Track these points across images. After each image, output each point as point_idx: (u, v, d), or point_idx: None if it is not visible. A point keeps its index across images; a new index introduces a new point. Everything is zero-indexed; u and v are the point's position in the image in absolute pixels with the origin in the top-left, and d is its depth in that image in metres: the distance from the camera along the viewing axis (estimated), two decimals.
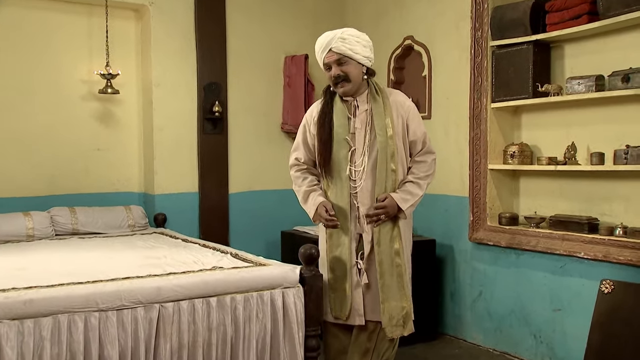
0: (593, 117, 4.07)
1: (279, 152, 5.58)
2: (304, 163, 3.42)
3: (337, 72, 3.19)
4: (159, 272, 3.10)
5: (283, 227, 5.46)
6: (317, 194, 3.29)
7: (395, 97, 3.34)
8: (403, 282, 3.25)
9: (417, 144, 3.32)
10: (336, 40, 3.16)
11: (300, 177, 3.40)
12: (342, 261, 3.25)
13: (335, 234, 3.28)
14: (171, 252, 3.78)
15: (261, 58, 5.53)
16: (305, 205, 3.34)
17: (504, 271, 4.44)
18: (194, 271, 3.14)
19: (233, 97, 5.39)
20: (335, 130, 3.26)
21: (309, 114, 3.43)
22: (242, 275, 3.09)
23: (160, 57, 5.15)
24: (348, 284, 3.24)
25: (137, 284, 2.86)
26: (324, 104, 3.33)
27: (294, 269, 3.23)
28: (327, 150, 3.25)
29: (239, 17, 5.42)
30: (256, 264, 3.36)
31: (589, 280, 3.89)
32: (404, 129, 3.29)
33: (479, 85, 4.53)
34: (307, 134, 3.40)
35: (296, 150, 3.45)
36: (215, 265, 3.30)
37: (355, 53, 3.18)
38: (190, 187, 5.26)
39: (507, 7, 4.37)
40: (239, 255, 3.65)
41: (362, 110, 3.27)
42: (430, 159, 3.34)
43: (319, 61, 3.27)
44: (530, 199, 4.49)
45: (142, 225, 4.91)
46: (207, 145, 5.25)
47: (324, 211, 3.21)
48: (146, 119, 5.26)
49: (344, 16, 5.88)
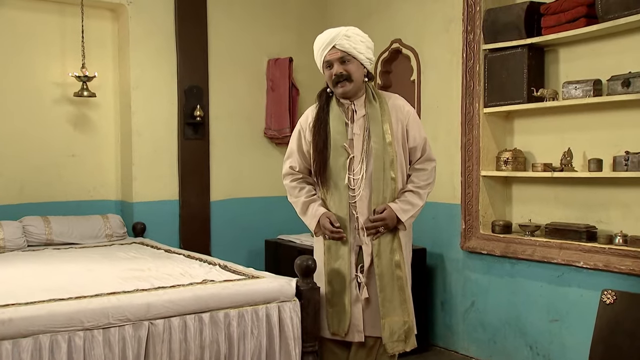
0: (589, 122, 3.98)
1: (261, 158, 5.41)
2: (299, 172, 3.25)
3: (340, 70, 3.04)
4: (147, 287, 2.90)
5: (266, 235, 5.29)
6: (317, 204, 3.13)
7: (394, 102, 3.20)
8: (405, 296, 3.11)
9: (417, 150, 3.18)
10: (341, 37, 3.01)
11: (297, 187, 3.23)
12: (341, 274, 3.09)
13: (334, 246, 3.12)
14: (155, 263, 3.57)
15: (244, 61, 5.35)
16: (305, 216, 3.16)
17: (497, 281, 4.32)
18: (184, 285, 2.94)
19: (215, 101, 5.19)
20: (332, 136, 3.10)
21: (303, 119, 3.27)
22: (237, 289, 2.91)
23: (139, 58, 4.94)
24: (347, 298, 3.08)
25: (124, 300, 2.66)
26: (319, 108, 3.17)
27: (290, 282, 3.06)
28: (324, 158, 3.09)
29: (220, 18, 5.24)
30: (249, 277, 3.17)
31: (588, 290, 3.78)
32: (404, 134, 3.15)
33: (471, 89, 4.41)
34: (301, 140, 3.24)
35: (290, 157, 3.28)
36: (205, 278, 3.11)
37: (359, 53, 3.04)
38: (170, 194, 5.05)
39: (500, 10, 4.27)
40: (228, 267, 3.46)
41: (360, 116, 3.13)
42: (431, 167, 3.20)
43: (318, 59, 3.11)
44: (523, 206, 4.38)
45: (121, 235, 4.68)
46: (187, 151, 5.05)
47: (327, 222, 3.04)
48: (124, 123, 5.04)
49: (327, 18, 5.73)
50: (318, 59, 3.13)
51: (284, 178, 3.30)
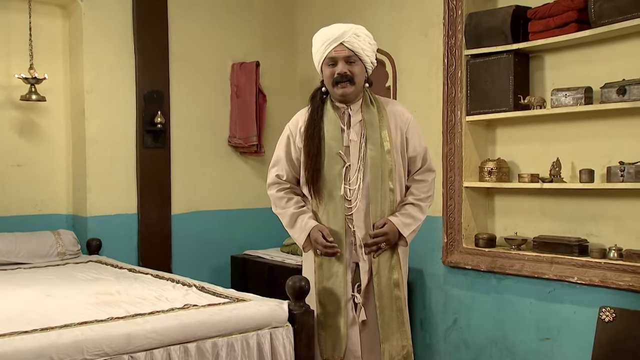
0: (577, 131, 3.83)
1: (226, 168, 5.08)
2: (286, 181, 2.96)
3: (345, 70, 2.79)
4: (121, 314, 2.55)
5: (231, 250, 4.96)
6: (307, 217, 2.84)
7: (392, 107, 2.97)
8: (403, 318, 2.88)
9: (417, 160, 2.96)
10: (350, 35, 2.78)
11: (284, 198, 2.93)
12: (335, 294, 2.82)
13: (326, 263, 2.84)
14: (122, 285, 3.21)
15: (207, 64, 5.01)
16: (293, 229, 2.88)
17: (482, 297, 4.12)
18: (164, 311, 2.61)
19: (176, 107, 4.83)
20: (326, 142, 2.84)
21: (292, 124, 2.98)
22: (225, 315, 2.59)
23: (93, 60, 4.54)
24: (342, 320, 2.83)
25: (100, 331, 2.31)
26: (312, 111, 2.90)
27: (282, 305, 2.76)
28: (317, 166, 2.82)
29: (182, 18, 4.89)
30: (233, 300, 2.85)
31: (582, 306, 3.62)
32: (403, 143, 2.92)
33: (453, 97, 4.22)
34: (290, 146, 2.96)
35: (276, 165, 2.99)
36: (186, 302, 2.78)
37: (366, 55, 2.83)
38: (128, 207, 4.65)
39: (484, 14, 4.09)
40: (206, 288, 3.13)
41: (357, 121, 2.88)
42: (431, 178, 2.99)
43: (319, 54, 2.85)
44: (507, 219, 4.20)
45: (74, 252, 4.26)
46: (147, 160, 4.67)
47: (320, 237, 2.76)
48: (77, 130, 4.62)
49: (294, 21, 5.48)
50: (318, 54, 2.86)
51: (268, 188, 3.01)
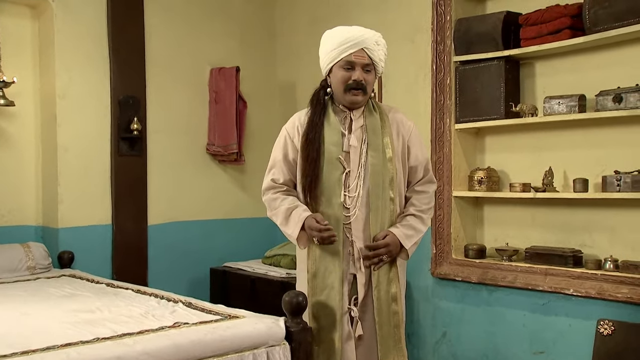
0: (570, 140, 3.77)
1: (204, 177, 4.89)
2: (282, 184, 2.80)
3: (362, 77, 2.66)
4: (108, 334, 2.36)
5: (210, 262, 4.78)
6: (301, 209, 2.68)
7: (394, 114, 2.86)
8: (400, 334, 2.77)
9: (419, 170, 2.84)
10: (372, 42, 2.70)
11: (279, 198, 2.77)
12: (329, 307, 2.68)
13: (321, 273, 2.70)
14: (102, 302, 3.00)
15: (184, 69, 4.82)
16: (287, 225, 2.70)
17: (473, 310, 4.01)
18: (154, 330, 2.42)
19: (153, 113, 4.63)
20: (326, 147, 2.70)
21: (290, 126, 2.84)
22: (220, 334, 2.42)
23: (65, 63, 4.31)
24: (337, 335, 2.69)
25: (87, 353, 2.12)
26: (313, 113, 2.76)
27: (278, 322, 2.59)
28: (316, 171, 2.68)
29: (158, 20, 4.70)
30: (225, 316, 2.68)
31: (577, 319, 3.54)
32: (404, 151, 2.81)
33: (442, 104, 4.12)
34: (288, 148, 2.81)
35: (272, 169, 2.85)
36: (176, 320, 2.59)
37: (381, 67, 2.75)
38: (102, 218, 4.42)
39: (474, 20, 4.01)
40: (194, 304, 2.95)
41: (358, 126, 2.76)
42: (432, 190, 2.88)
43: (334, 55, 2.71)
44: (496, 229, 4.11)
45: (45, 266, 4.01)
46: (122, 169, 4.45)
47: (314, 222, 2.59)
48: (48, 137, 4.38)
49: (275, 25, 5.34)
50: (333, 53, 2.72)
51: (263, 194, 2.85)
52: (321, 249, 2.69)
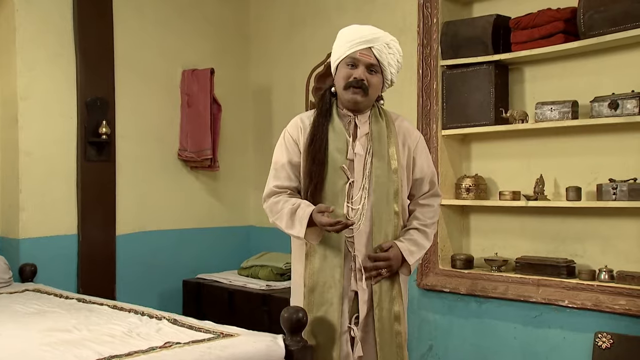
0: (560, 147, 3.68)
1: (176, 184, 4.65)
2: (287, 188, 2.59)
3: (363, 76, 2.49)
4: (93, 356, 2.13)
5: (183, 274, 4.54)
6: (304, 205, 2.46)
7: (400, 123, 2.70)
8: (403, 355, 2.60)
9: (424, 183, 2.68)
10: (381, 43, 2.52)
11: (281, 201, 2.56)
12: (327, 324, 2.51)
13: (319, 288, 2.52)
14: (78, 319, 2.74)
15: (156, 70, 4.57)
16: (293, 226, 2.46)
17: (461, 322, 3.87)
18: (144, 351, 2.20)
19: (122, 116, 4.36)
20: (330, 153, 2.52)
21: (293, 128, 2.64)
22: (218, 355, 2.22)
23: (28, 62, 4.03)
24: (336, 354, 2.50)
25: None
26: (319, 115, 2.58)
27: (276, 341, 2.40)
28: (322, 175, 2.49)
29: (128, 18, 4.44)
30: (218, 334, 2.47)
31: (572, 332, 3.43)
32: (409, 163, 2.65)
33: (428, 109, 3.99)
34: (291, 152, 2.60)
35: (275, 175, 2.62)
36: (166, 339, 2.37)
37: (390, 72, 2.57)
38: (67, 228, 4.13)
39: (462, 23, 3.89)
40: (179, 321, 2.73)
41: (363, 133, 2.59)
42: (437, 204, 2.73)
43: (341, 51, 2.54)
44: (484, 238, 3.99)
45: (6, 280, 3.71)
46: (90, 175, 4.17)
47: (321, 217, 2.36)
48: (8, 140, 4.08)
49: (251, 26, 5.13)
50: (340, 50, 2.55)
51: (264, 201, 2.62)
52: (320, 262, 2.50)
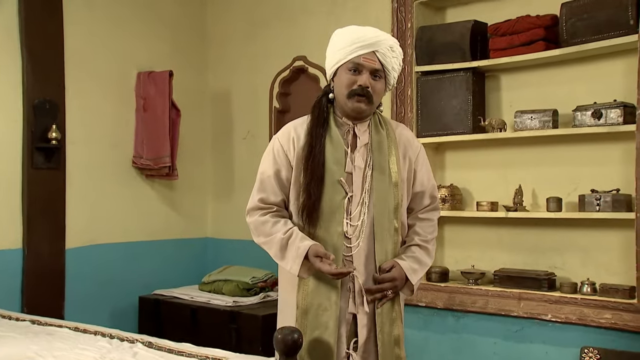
0: (539, 157, 3.62)
1: (129, 194, 4.34)
2: (273, 204, 2.37)
3: (368, 83, 2.29)
4: None
5: (138, 291, 4.23)
6: (299, 238, 2.27)
7: (401, 132, 2.51)
8: None
9: (425, 197, 2.51)
10: (385, 46, 2.31)
11: (269, 222, 2.34)
12: (323, 349, 2.29)
13: (313, 310, 2.30)
14: (39, 345, 2.45)
15: (109, 72, 4.25)
16: (285, 258, 2.28)
17: (437, 337, 3.73)
18: None
19: (73, 120, 4.02)
20: (327, 165, 2.31)
21: (284, 137, 2.42)
22: None
23: None
24: None
25: None
26: (314, 124, 2.36)
27: None
28: (319, 193, 2.28)
29: (80, 16, 4.10)
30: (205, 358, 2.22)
31: (555, 346, 3.35)
32: (410, 175, 2.46)
33: (402, 116, 3.86)
34: (280, 164, 2.38)
35: (261, 187, 2.40)
36: None
37: (393, 77, 2.39)
38: (11, 242, 3.76)
39: (438, 29, 3.79)
40: (155, 343, 2.47)
41: (363, 144, 2.38)
42: (437, 218, 2.56)
43: (342, 55, 2.31)
44: (458, 250, 3.88)
45: None
46: (37, 184, 3.82)
47: (324, 265, 2.18)
48: None
49: (205, 28, 4.88)
50: (340, 53, 2.32)
51: (248, 214, 2.40)
52: (315, 282, 2.30)
